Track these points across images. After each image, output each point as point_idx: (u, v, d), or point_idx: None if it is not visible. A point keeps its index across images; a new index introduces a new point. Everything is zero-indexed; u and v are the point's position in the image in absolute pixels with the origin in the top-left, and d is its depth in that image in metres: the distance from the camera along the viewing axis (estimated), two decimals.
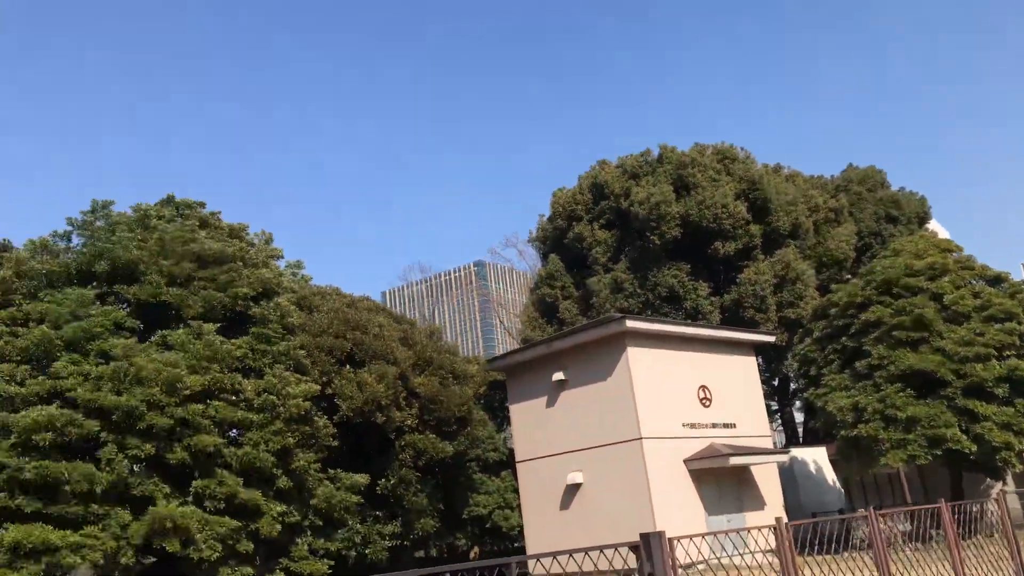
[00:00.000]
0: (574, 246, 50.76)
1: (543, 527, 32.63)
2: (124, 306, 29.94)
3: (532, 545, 33.12)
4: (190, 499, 27.49)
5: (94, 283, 29.83)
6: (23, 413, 25.93)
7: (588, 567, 7.86)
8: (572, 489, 31.81)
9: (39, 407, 26.15)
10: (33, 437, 25.58)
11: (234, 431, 29.61)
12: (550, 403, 33.40)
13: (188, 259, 30.75)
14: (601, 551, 6.55)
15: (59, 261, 30.10)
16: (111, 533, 25.72)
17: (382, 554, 32.89)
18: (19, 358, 27.56)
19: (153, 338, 29.33)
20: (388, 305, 61.22)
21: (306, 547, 30.13)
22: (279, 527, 28.41)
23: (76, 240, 32.07)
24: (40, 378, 27.20)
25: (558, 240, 52.31)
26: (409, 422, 33.55)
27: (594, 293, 47.88)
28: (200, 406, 27.64)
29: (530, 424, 34.35)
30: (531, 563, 25.21)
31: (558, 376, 32.64)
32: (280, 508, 28.83)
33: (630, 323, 30.96)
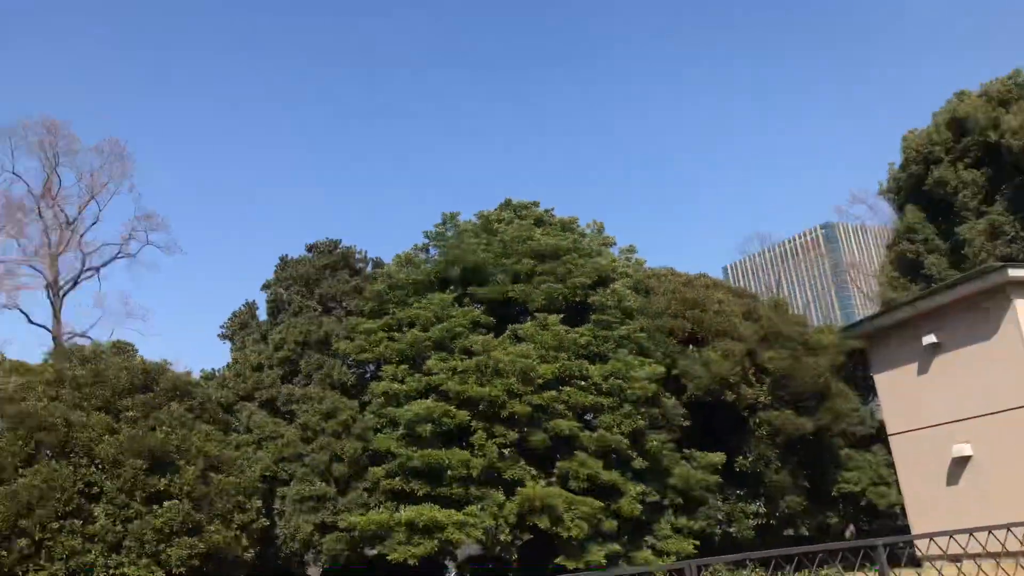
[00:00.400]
0: (935, 192, 45.08)
1: (927, 505, 29.36)
2: (478, 305, 32.47)
3: (916, 524, 29.96)
4: (555, 480, 29.05)
5: (451, 287, 32.75)
6: (406, 407, 29.29)
7: (974, 548, 6.68)
8: (959, 463, 28.21)
9: (418, 401, 29.36)
10: (416, 428, 28.80)
11: (587, 415, 30.69)
12: (922, 369, 29.94)
13: (527, 256, 32.56)
14: (990, 532, 5.53)
15: (421, 271, 33.51)
16: (489, 512, 28.01)
17: (748, 532, 31.92)
18: (397, 359, 31.16)
19: (505, 332, 31.44)
20: (729, 280, 59.43)
21: (668, 526, 30.25)
22: (639, 507, 28.87)
23: (433, 251, 35.49)
24: (416, 375, 30.50)
25: (914, 188, 46.81)
26: (761, 399, 32.18)
27: (965, 243, 42.15)
28: (553, 393, 29.08)
29: (900, 394, 31.12)
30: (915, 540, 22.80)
31: (929, 339, 29.13)
32: (639, 488, 29.31)
33: (1014, 272, 26.62)
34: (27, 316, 46.71)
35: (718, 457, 31.15)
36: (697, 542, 30.39)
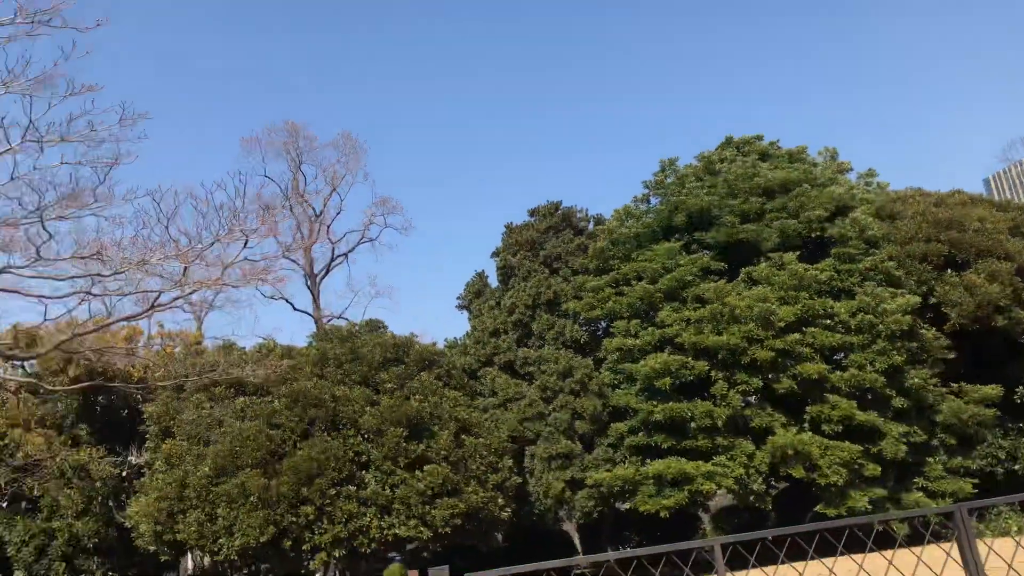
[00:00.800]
0: None
1: None
2: (706, 251, 31.44)
3: None
4: (806, 426, 27.67)
5: (676, 235, 31.93)
6: (642, 362, 29.09)
7: None
8: None
9: (654, 355, 29.05)
10: (655, 383, 28.56)
11: (836, 355, 28.89)
12: None
13: (754, 194, 30.98)
14: None
15: (642, 222, 32.97)
16: (739, 462, 27.26)
17: None
18: (628, 314, 30.99)
19: (738, 276, 30.23)
20: (992, 194, 53.14)
21: (940, 466, 27.90)
22: (904, 448, 26.81)
23: (653, 200, 34.80)
24: (649, 329, 30.19)
25: None
26: None
27: None
28: (797, 335, 27.58)
29: None
30: None
31: None
32: (901, 428, 27.20)
33: None
34: (291, 304, 51.65)
35: (993, 390, 28.16)
36: (975, 481, 27.79)
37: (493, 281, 37.82)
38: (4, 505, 29.51)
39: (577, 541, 32.19)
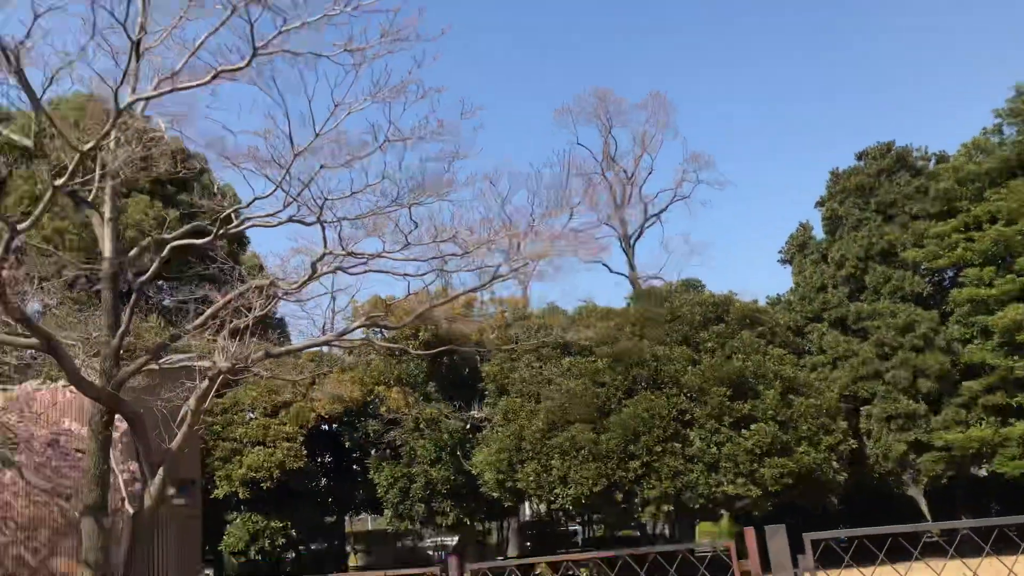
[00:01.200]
0: None
1: None
2: None
3: None
4: None
5: None
6: (1000, 314, 25.91)
7: None
8: None
9: (1014, 305, 25.73)
10: (1016, 336, 25.32)
11: None
12: None
13: None
14: None
15: (995, 157, 29.08)
16: None
17: None
18: (981, 261, 27.62)
19: None
20: None
21: None
22: None
23: (1008, 130, 30.50)
24: (1008, 276, 26.74)
25: None
26: None
27: None
28: None
29: None
30: None
31: None
32: None
33: None
34: (607, 267, 52.90)
35: None
36: None
37: (818, 232, 35.63)
38: (373, 452, 33.95)
39: (925, 507, 29.69)
